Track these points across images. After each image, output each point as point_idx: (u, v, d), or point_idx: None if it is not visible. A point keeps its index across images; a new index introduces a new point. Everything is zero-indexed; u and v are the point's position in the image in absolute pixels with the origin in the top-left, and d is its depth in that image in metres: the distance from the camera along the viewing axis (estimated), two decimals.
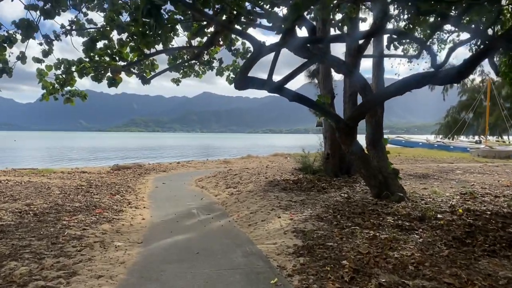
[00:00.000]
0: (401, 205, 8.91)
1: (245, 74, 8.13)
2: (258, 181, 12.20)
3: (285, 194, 10.11)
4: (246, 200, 9.78)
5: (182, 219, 8.26)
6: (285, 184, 11.71)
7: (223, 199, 10.42)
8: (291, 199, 9.55)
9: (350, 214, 8.11)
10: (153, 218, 8.38)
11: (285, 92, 8.81)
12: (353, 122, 9.74)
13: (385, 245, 6.09)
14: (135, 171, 16.88)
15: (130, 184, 12.98)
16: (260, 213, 8.30)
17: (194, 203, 10.01)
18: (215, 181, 13.35)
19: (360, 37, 9.04)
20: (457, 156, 29.05)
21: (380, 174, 9.92)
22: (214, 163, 21.15)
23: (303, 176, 13.55)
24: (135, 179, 14.43)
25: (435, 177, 15.27)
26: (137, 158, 36.04)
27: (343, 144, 9.89)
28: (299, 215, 7.98)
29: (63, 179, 12.63)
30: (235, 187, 11.71)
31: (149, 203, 10.09)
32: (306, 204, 9.05)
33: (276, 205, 8.86)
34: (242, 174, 13.60)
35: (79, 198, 9.71)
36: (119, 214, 8.36)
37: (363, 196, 10.14)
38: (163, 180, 14.60)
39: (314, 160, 14.89)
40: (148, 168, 17.88)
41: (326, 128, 14.16)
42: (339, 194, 10.30)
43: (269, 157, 24.14)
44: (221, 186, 12.26)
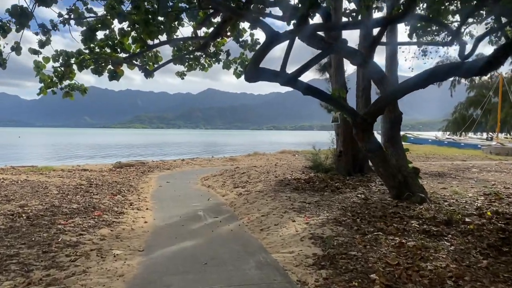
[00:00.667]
0: (423, 207, 8.27)
1: (256, 64, 7.46)
2: (267, 180, 11.54)
3: (298, 195, 9.45)
4: (256, 201, 9.12)
5: (188, 222, 7.62)
6: (297, 183, 11.04)
7: (231, 199, 9.77)
8: (305, 200, 8.89)
9: (370, 217, 7.46)
10: (156, 221, 7.74)
11: (298, 84, 8.14)
12: (371, 117, 9.06)
13: (415, 255, 5.44)
14: (138, 169, 16.26)
15: (133, 183, 12.36)
16: (272, 216, 7.64)
17: (200, 204, 9.37)
18: (222, 179, 12.70)
19: (381, 23, 8.32)
20: (469, 154, 28.27)
21: (400, 173, 9.25)
22: (219, 160, 20.50)
23: (315, 174, 12.88)
24: (138, 177, 13.81)
25: (452, 176, 14.56)
26: (141, 155, 35.48)
27: (360, 141, 9.21)
28: (315, 219, 7.33)
29: (62, 178, 12.02)
30: (244, 186, 11.06)
31: (152, 204, 9.46)
32: (321, 206, 8.39)
33: (289, 207, 8.20)
34: (250, 173, 12.94)
35: (77, 198, 9.08)
36: (120, 217, 7.73)
37: (381, 197, 9.47)
38: (167, 179, 13.97)
39: (325, 158, 14.21)
40: (152, 166, 17.26)
41: (338, 124, 13.47)
42: (356, 195, 9.63)
43: (277, 154, 23.45)
44: (229, 185, 11.61)
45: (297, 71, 7.87)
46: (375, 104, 8.98)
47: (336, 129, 13.56)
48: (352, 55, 9.07)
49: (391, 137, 9.76)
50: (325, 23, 8.80)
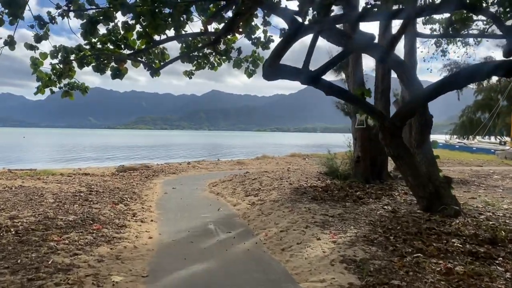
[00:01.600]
0: (460, 222, 7.39)
1: (276, 60, 6.60)
2: (281, 188, 10.66)
3: (317, 206, 8.56)
4: (272, 212, 8.24)
5: (198, 238, 6.75)
6: (314, 192, 10.16)
7: (244, 210, 8.89)
8: (326, 212, 8.00)
9: (404, 234, 6.58)
10: (162, 236, 6.87)
11: (321, 83, 7.26)
12: (401, 120, 8.18)
13: (470, 286, 4.57)
14: (142, 173, 15.42)
15: (136, 189, 11.50)
16: (292, 232, 6.76)
17: (210, 215, 8.50)
18: (232, 186, 11.82)
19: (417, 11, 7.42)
20: (483, 159, 27.27)
21: (431, 183, 8.36)
22: (227, 164, 19.64)
23: (331, 181, 11.99)
24: (141, 183, 12.96)
25: (476, 183, 13.66)
26: (145, 157, 34.67)
27: (387, 146, 8.33)
28: (342, 236, 6.45)
29: (61, 183, 11.18)
30: (256, 194, 10.18)
31: (157, 214, 8.60)
32: (346, 219, 7.50)
33: (310, 221, 7.32)
34: (262, 179, 12.06)
35: (75, 208, 8.22)
36: (121, 231, 6.87)
37: (409, 209, 8.59)
38: (173, 184, 13.11)
39: (341, 163, 13.32)
40: (156, 170, 16.41)
41: (356, 128, 12.57)
42: (381, 206, 8.74)
43: (286, 158, 22.55)
44: (240, 193, 10.73)
45: (322, 68, 6.99)
46: (406, 106, 8.10)
47: (354, 132, 12.67)
48: (374, 48, 8.23)
49: (421, 143, 8.86)
50: (350, 13, 7.92)
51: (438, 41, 16.84)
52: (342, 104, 13.46)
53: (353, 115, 12.61)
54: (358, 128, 12.48)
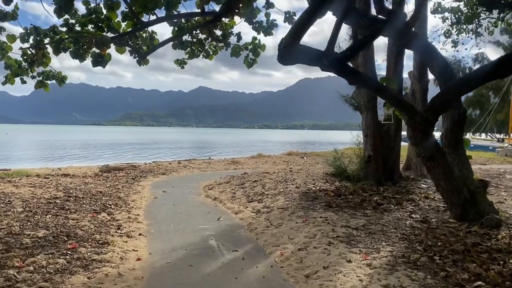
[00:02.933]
0: (506, 235, 6.25)
1: (295, 39, 5.32)
2: (288, 192, 9.40)
3: (334, 214, 7.33)
4: (283, 223, 6.99)
5: (198, 259, 5.46)
6: (325, 196, 8.94)
7: (248, 219, 7.60)
8: (348, 223, 6.78)
9: (449, 252, 5.42)
10: (153, 257, 5.57)
11: (346, 70, 6.02)
12: (434, 115, 7.00)
13: None
14: (128, 173, 14.01)
15: (122, 193, 10.13)
16: (314, 250, 5.52)
17: (210, 227, 7.20)
18: (231, 189, 10.52)
19: None
20: (483, 156, 26.41)
21: (465, 187, 7.19)
22: (220, 163, 18.30)
23: (341, 183, 10.79)
24: (128, 185, 11.57)
25: (493, 184, 12.58)
26: (131, 155, 33.10)
27: (417, 145, 7.14)
28: (376, 256, 5.23)
29: (35, 187, 9.74)
30: (260, 200, 8.90)
31: (147, 226, 7.27)
32: (374, 233, 6.29)
33: (332, 235, 6.09)
34: (264, 181, 10.78)
35: (47, 220, 6.85)
36: (103, 251, 5.54)
37: (440, 218, 7.43)
38: (163, 187, 11.77)
39: (349, 163, 12.11)
40: (144, 170, 15.00)
41: (367, 124, 11.37)
42: (408, 215, 7.55)
43: (283, 156, 21.29)
44: (240, 197, 9.44)
45: (349, 50, 5.74)
46: (441, 97, 6.89)
47: (365, 129, 11.45)
48: (401, 31, 7.02)
49: (453, 141, 7.65)
50: None
51: (448, 31, 15.77)
52: (350, 99, 12.28)
53: (364, 109, 11.41)
54: (370, 124, 11.28)
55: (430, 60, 7.50)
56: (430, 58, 7.43)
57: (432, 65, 7.51)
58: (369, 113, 11.35)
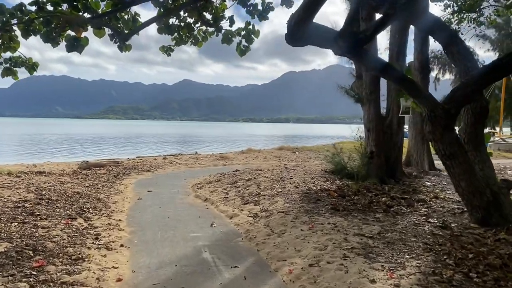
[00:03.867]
0: None
1: (309, 14, 4.41)
2: (286, 192, 8.53)
3: (343, 219, 6.50)
4: (286, 230, 6.12)
5: (191, 279, 4.55)
6: (328, 197, 8.11)
7: (245, 225, 6.71)
8: (360, 230, 5.95)
9: (485, 267, 4.67)
10: (137, 275, 4.64)
11: (365, 54, 5.14)
12: (456, 107, 6.20)
13: None
14: (110, 170, 12.96)
15: (102, 194, 9.13)
16: (327, 266, 4.67)
17: (202, 235, 6.29)
18: (222, 189, 9.61)
19: None
20: None
21: (488, 188, 6.44)
22: (208, 158, 17.33)
23: (342, 182, 9.97)
24: (109, 184, 10.56)
25: None
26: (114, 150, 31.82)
27: (437, 142, 6.33)
28: (403, 274, 4.42)
29: (2, 188, 8.63)
30: (257, 202, 8.01)
31: (130, 234, 6.33)
32: (392, 242, 5.47)
33: (345, 246, 5.25)
34: (259, 180, 9.89)
35: (11, 229, 5.84)
36: (76, 269, 4.59)
37: (460, 222, 6.66)
38: (148, 186, 10.80)
39: (348, 159, 11.30)
40: (128, 166, 13.95)
41: (370, 117, 10.56)
42: (424, 219, 6.76)
43: (274, 151, 20.40)
44: (234, 199, 8.53)
45: (369, 31, 4.85)
46: (463, 87, 6.08)
47: (367, 123, 10.64)
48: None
49: (474, 137, 6.88)
50: None
51: (449, 20, 15.01)
52: (351, 90, 11.44)
53: (366, 102, 10.59)
54: (373, 118, 10.48)
55: (450, 48, 6.68)
56: (452, 45, 6.60)
57: (452, 51, 6.69)
58: (372, 105, 10.55)
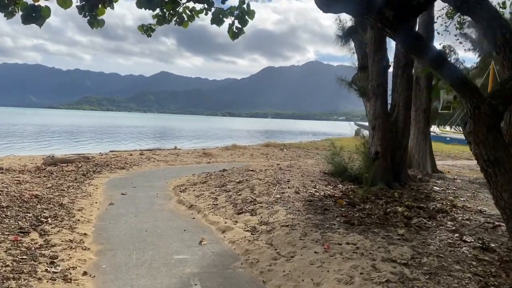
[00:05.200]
0: None
1: None
2: (286, 198, 7.28)
3: (363, 238, 5.30)
4: (296, 253, 4.88)
5: None
6: (337, 206, 6.91)
7: (243, 243, 5.42)
8: (388, 254, 4.76)
9: None
10: None
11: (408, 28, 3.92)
12: (505, 103, 5.05)
13: None
14: (79, 167, 11.45)
15: (66, 197, 7.68)
16: None
17: (190, 257, 4.98)
18: (210, 193, 8.28)
19: None
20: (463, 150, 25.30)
21: None
22: (190, 155, 15.91)
23: (345, 186, 8.81)
24: (76, 184, 9.10)
25: None
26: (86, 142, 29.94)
27: (478, 144, 5.14)
28: None
29: None
30: (253, 211, 6.73)
31: (96, 255, 4.97)
32: (435, 272, 4.31)
33: (377, 278, 4.08)
34: (252, 182, 8.59)
35: None
36: None
37: (499, 241, 5.55)
38: (123, 187, 9.40)
39: (349, 160, 10.15)
40: (99, 163, 12.43)
41: (376, 114, 9.40)
42: (458, 238, 5.61)
43: (260, 148, 19.11)
44: (225, 206, 7.22)
45: None
46: None
47: (373, 119, 9.49)
48: None
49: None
50: None
51: (452, 11, 14.02)
52: (356, 83, 10.32)
53: (372, 96, 9.44)
54: (380, 115, 9.33)
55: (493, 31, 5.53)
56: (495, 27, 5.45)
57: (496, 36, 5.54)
58: (379, 100, 9.40)
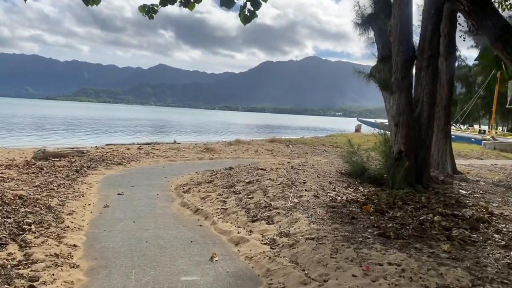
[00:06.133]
0: None
1: None
2: (306, 203, 6.41)
3: (406, 256, 4.45)
4: (329, 275, 4.01)
5: None
6: (364, 214, 6.05)
7: (262, 260, 4.55)
8: (442, 279, 3.93)
9: None
10: None
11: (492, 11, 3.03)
12: None
13: None
14: (72, 162, 10.54)
15: (55, 198, 6.78)
16: None
17: (200, 279, 4.09)
18: (217, 195, 7.39)
19: None
20: (472, 149, 24.50)
21: None
22: (191, 150, 14.97)
23: (365, 188, 7.95)
24: (68, 183, 8.18)
25: None
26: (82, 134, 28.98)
27: None
28: None
29: None
30: (270, 218, 5.85)
31: (86, 276, 4.07)
32: None
33: None
34: (264, 183, 7.68)
35: None
36: None
37: None
38: (119, 185, 8.52)
39: (367, 159, 9.30)
40: (94, 158, 11.50)
41: (401, 109, 8.52)
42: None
43: (265, 143, 18.15)
44: (236, 211, 6.33)
45: None
46: None
47: (396, 115, 8.59)
48: None
49: None
50: None
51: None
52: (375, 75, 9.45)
53: (396, 89, 8.55)
54: (404, 110, 8.46)
55: None
56: None
57: None
58: (403, 94, 8.52)
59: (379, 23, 9.44)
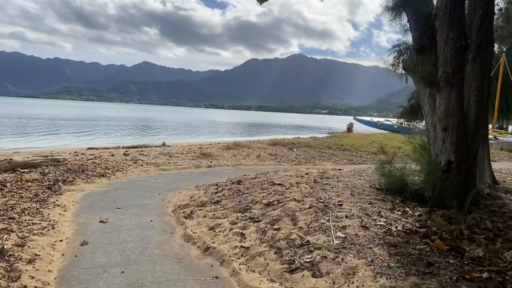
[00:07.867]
0: None
1: None
2: (355, 240, 4.75)
3: None
4: None
5: None
6: (438, 254, 4.46)
7: None
8: None
9: None
10: None
11: None
12: None
13: None
14: (44, 175, 8.71)
15: (14, 234, 4.98)
16: None
17: None
18: (230, 223, 5.67)
19: None
20: None
21: None
22: (185, 156, 13.11)
23: (412, 210, 6.35)
24: (36, 206, 6.36)
25: None
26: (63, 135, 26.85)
27: None
28: None
29: None
30: (314, 267, 4.17)
31: None
32: None
33: None
34: (289, 206, 5.96)
35: None
36: None
37: None
38: (101, 207, 6.77)
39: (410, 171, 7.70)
40: (72, 168, 9.66)
41: (451, 110, 6.92)
42: None
43: (267, 147, 16.38)
44: (262, 252, 4.63)
45: None
46: None
47: (445, 118, 6.98)
48: None
49: None
50: None
51: None
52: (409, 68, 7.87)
53: (445, 86, 6.95)
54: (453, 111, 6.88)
55: None
56: None
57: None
58: (454, 92, 6.93)
59: (417, 5, 7.85)
